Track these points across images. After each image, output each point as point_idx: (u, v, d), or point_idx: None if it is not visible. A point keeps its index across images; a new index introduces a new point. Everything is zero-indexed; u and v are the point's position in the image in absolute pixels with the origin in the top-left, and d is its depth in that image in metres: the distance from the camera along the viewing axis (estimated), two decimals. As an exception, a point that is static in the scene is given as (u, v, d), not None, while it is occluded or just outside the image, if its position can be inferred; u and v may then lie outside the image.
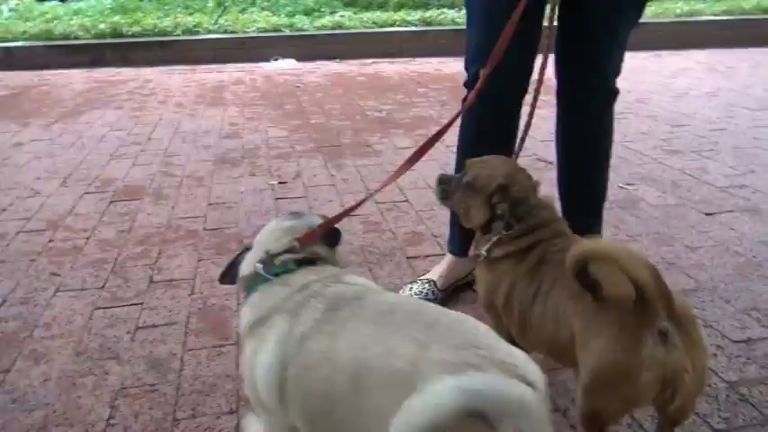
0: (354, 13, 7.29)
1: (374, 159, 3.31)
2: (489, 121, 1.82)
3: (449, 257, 2.02)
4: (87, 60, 6.26)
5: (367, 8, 7.67)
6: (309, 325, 0.99)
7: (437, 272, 1.99)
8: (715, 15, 7.31)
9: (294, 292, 1.07)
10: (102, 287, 2.04)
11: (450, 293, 1.97)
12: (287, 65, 6.21)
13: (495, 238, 1.41)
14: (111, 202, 2.79)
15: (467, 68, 1.83)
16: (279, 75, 5.76)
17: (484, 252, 1.43)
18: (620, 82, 1.84)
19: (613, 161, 3.20)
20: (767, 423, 1.40)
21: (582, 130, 1.90)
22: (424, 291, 1.92)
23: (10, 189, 2.97)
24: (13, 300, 1.98)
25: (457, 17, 7.01)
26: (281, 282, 1.10)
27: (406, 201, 2.73)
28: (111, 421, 1.43)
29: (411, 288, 1.93)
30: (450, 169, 3.11)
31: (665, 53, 6.46)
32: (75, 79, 5.70)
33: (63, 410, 1.47)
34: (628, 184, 2.87)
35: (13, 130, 4.03)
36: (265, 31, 6.65)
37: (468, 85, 1.82)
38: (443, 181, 1.56)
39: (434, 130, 3.86)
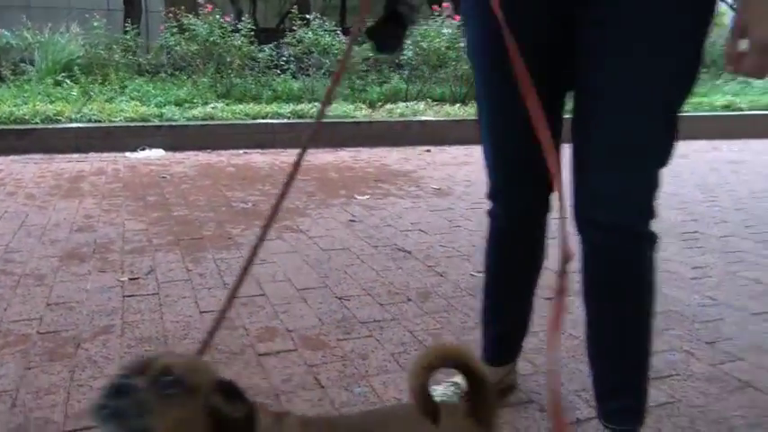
0: (227, 104, 7.36)
1: (234, 252, 3.27)
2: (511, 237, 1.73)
3: None
4: (-71, 148, 5.80)
5: (241, 100, 7.78)
6: None
7: None
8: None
9: None
10: None
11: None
12: (154, 155, 6.09)
13: None
14: (-67, 305, 2.53)
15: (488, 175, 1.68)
16: (144, 165, 5.63)
17: None
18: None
19: (466, 249, 3.41)
20: (589, 504, 1.47)
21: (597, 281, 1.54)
22: (449, 393, 1.77)
23: None
24: None
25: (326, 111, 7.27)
26: None
27: (263, 294, 2.70)
28: None
29: (435, 390, 1.75)
30: (312, 262, 3.13)
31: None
32: None
33: None
34: (478, 272, 3.03)
35: None
36: (133, 120, 6.53)
37: (491, 197, 1.71)
38: (121, 389, 0.91)
39: (299, 221, 3.90)
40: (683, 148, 2.98)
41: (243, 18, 8.91)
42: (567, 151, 1.51)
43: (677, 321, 2.49)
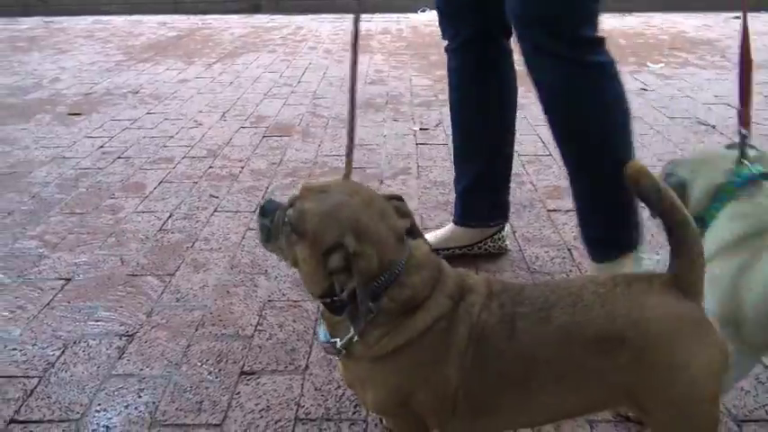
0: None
1: (518, 113, 3.22)
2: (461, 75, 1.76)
3: None
4: (246, 7, 6.60)
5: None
6: None
7: None
8: None
9: None
10: (255, 211, 2.20)
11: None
12: (433, 16, 6.16)
13: (356, 334, 0.90)
14: (264, 136, 2.96)
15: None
16: (425, 26, 5.74)
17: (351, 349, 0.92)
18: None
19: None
20: None
21: (551, 107, 1.48)
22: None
23: (177, 119, 3.24)
24: (179, 215, 2.18)
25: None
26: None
27: (550, 155, 2.65)
28: (259, 327, 1.56)
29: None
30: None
31: None
32: (234, 24, 6.05)
33: (218, 314, 1.62)
34: None
35: (180, 67, 4.37)
36: (414, -19, 6.62)
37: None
38: (266, 211, 0.97)
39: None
40: None
41: None
42: None
43: None
